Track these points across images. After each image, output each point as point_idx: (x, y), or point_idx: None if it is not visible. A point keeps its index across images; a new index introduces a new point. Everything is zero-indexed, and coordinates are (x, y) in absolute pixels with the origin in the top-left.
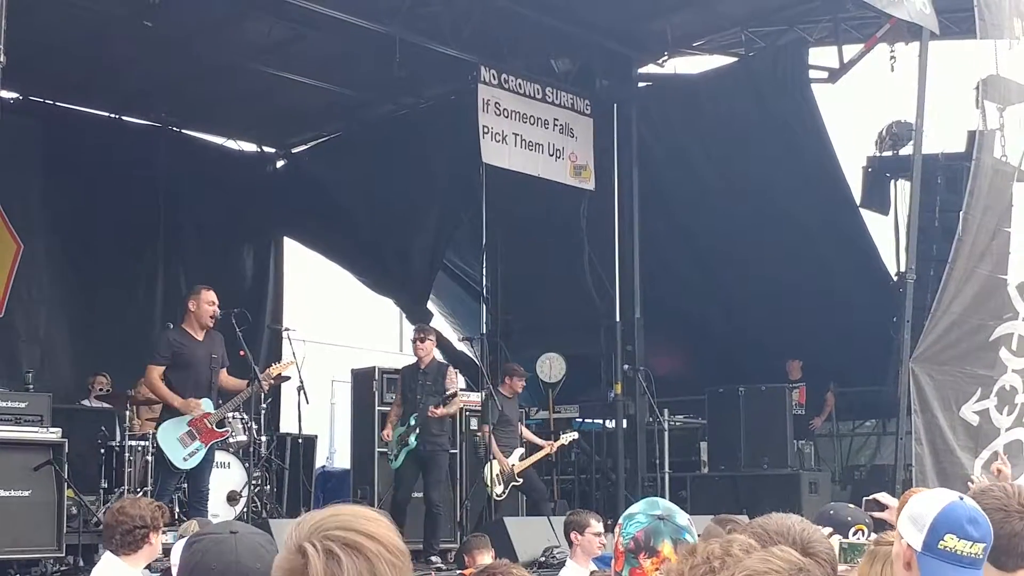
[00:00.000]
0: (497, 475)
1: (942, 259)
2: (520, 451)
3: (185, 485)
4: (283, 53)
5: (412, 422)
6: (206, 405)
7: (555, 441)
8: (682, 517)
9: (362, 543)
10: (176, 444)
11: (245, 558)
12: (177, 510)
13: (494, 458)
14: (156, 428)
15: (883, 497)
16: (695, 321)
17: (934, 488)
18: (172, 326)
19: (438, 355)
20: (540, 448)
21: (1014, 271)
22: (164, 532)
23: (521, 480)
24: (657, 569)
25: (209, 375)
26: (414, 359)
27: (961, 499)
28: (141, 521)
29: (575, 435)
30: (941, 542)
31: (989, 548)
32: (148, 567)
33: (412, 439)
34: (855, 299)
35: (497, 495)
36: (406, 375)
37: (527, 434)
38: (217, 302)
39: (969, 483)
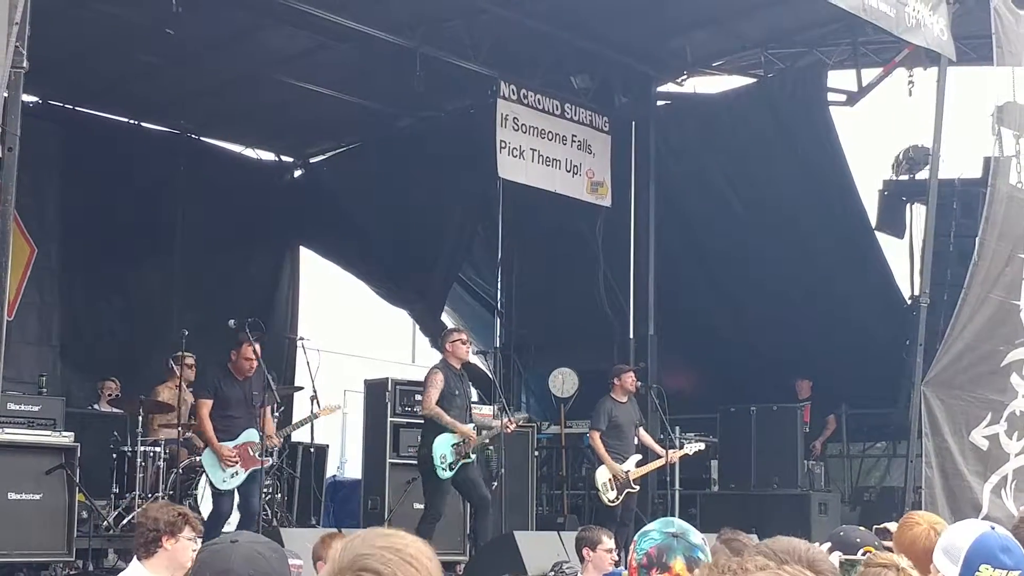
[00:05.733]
0: (608, 480)
1: (956, 284)
2: (636, 457)
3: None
4: (303, 64)
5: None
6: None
7: (678, 450)
8: (696, 536)
9: None
10: (217, 467)
11: (238, 565)
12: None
13: (602, 463)
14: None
15: (893, 526)
16: (708, 338)
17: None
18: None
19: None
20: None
21: None
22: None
23: (637, 487)
24: None
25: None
26: (446, 362)
27: (993, 528)
28: (153, 525)
29: (701, 446)
30: (976, 573)
31: None
32: None
33: (471, 453)
34: (868, 321)
35: (610, 500)
36: (449, 378)
37: (646, 440)
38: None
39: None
